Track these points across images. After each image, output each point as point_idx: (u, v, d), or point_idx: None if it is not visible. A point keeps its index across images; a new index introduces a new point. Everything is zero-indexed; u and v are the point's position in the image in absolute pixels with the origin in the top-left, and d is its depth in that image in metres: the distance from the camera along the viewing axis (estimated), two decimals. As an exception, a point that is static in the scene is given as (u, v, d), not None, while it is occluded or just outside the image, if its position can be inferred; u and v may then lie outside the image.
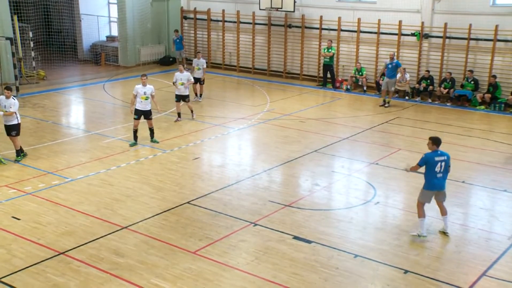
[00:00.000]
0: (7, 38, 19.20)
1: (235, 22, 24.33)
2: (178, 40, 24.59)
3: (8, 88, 12.68)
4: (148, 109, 14.20)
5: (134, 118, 14.19)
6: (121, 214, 10.28)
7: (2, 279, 8.07)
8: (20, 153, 12.94)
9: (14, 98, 12.72)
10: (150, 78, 22.29)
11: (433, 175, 9.26)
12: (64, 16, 26.10)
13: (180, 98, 16.50)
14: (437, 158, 9.22)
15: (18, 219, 9.96)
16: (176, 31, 24.75)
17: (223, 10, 24.45)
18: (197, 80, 19.00)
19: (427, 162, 9.24)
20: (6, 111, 12.49)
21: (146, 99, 14.06)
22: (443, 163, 9.23)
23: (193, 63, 19.52)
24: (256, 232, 9.70)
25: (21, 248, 8.95)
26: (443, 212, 9.59)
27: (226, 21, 24.66)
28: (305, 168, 13.07)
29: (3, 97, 12.63)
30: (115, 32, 26.62)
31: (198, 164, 13.32)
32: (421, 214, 9.47)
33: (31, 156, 13.27)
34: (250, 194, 11.37)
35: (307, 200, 11.12)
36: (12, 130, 12.74)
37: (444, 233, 9.62)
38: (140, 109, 14.13)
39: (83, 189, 11.41)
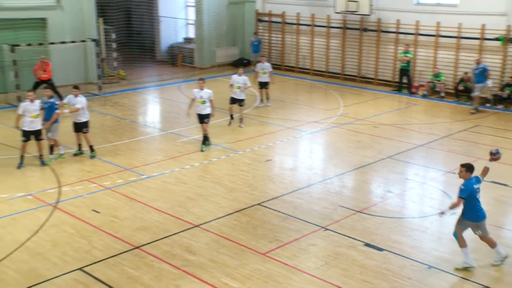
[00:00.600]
0: (92, 40, 20.15)
1: (309, 25, 24.27)
2: (256, 43, 24.80)
3: (76, 87, 13.29)
4: (205, 113, 14.06)
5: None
6: (193, 213, 10.50)
7: (84, 268, 8.47)
8: (93, 148, 13.48)
9: (81, 96, 13.32)
10: (224, 79, 22.68)
11: (477, 205, 8.36)
12: (144, 18, 27.02)
13: (235, 101, 16.29)
14: (476, 186, 8.32)
15: (98, 212, 10.41)
16: (255, 33, 24.98)
17: (298, 13, 24.45)
18: (264, 85, 18.89)
19: (470, 192, 8.25)
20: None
21: (203, 103, 13.98)
22: (479, 190, 8.38)
23: (257, 67, 19.38)
24: (326, 236, 9.63)
25: (100, 240, 9.35)
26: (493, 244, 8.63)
27: (300, 24, 24.64)
28: (378, 174, 12.83)
29: (72, 95, 13.23)
30: (191, 34, 27.26)
31: (269, 166, 13.38)
32: (462, 243, 8.54)
33: (111, 152, 13.82)
34: (321, 198, 11.30)
35: (379, 207, 10.91)
36: (83, 127, 13.32)
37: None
38: (197, 113, 14.18)
39: (158, 186, 11.76)
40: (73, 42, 19.82)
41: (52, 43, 19.53)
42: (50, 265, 8.53)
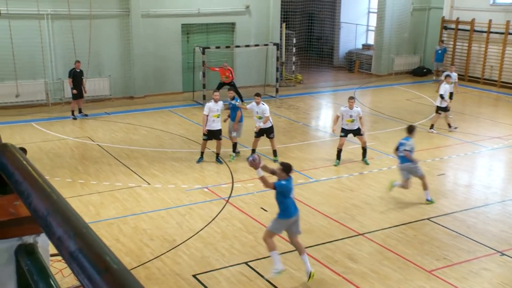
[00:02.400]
0: (274, 44, 20.99)
1: (502, 33, 22.39)
2: (440, 52, 23.61)
3: (258, 95, 13.28)
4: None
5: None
6: (358, 221, 10.36)
7: (249, 263, 8.85)
8: (276, 153, 13.47)
9: (263, 103, 13.25)
10: (401, 87, 21.98)
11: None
12: (326, 24, 27.35)
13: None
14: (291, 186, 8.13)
15: (266, 210, 10.79)
16: (441, 41, 23.83)
17: (490, 20, 22.71)
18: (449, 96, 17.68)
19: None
20: (260, 117, 13.12)
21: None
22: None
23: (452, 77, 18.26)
24: (502, 262, 8.81)
25: (265, 237, 9.69)
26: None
27: (491, 32, 22.86)
28: None
29: (254, 103, 13.25)
30: (371, 41, 26.92)
31: (442, 180, 12.70)
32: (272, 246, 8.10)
33: (282, 154, 14.15)
34: (499, 220, 10.41)
35: None
36: (269, 133, 13.33)
37: None
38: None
39: (325, 191, 11.82)
40: (256, 45, 20.84)
41: (237, 46, 20.76)
42: (219, 255, 9.06)
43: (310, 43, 27.00)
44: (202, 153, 13.55)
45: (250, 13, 21.72)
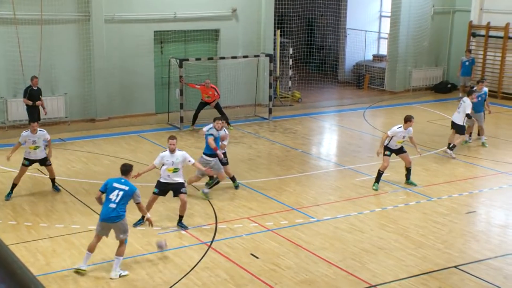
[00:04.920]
0: (266, 55, 21.15)
1: (542, 40, 22.77)
2: (467, 64, 23.84)
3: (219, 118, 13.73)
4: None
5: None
6: (370, 269, 10.35)
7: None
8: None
9: (225, 130, 13.78)
10: (421, 106, 22.20)
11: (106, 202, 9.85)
12: (328, 30, 27.70)
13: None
14: (115, 185, 9.89)
15: (257, 257, 10.76)
16: (469, 51, 24.12)
17: (527, 25, 23.12)
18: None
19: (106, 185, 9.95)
20: None
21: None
22: (120, 192, 9.75)
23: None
24: (545, 321, 8.81)
25: (256, 290, 9.66)
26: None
27: (528, 40, 23.25)
28: None
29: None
30: (383, 51, 27.28)
31: (472, 219, 12.75)
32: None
33: (277, 187, 14.27)
34: (542, 268, 10.42)
35: None
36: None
37: None
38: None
39: (329, 233, 11.83)
40: (245, 57, 21.03)
41: (222, 58, 20.95)
42: (199, 312, 8.99)
43: (310, 54, 27.31)
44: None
45: (238, 18, 21.99)
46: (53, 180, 13.97)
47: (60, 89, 19.55)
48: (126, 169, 10.25)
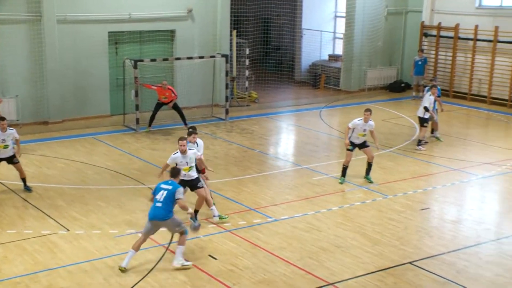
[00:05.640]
0: (223, 55, 21.15)
1: (491, 41, 23.33)
2: (420, 63, 24.30)
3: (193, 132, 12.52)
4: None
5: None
6: (327, 267, 10.44)
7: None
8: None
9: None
10: (375, 105, 22.52)
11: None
12: (285, 31, 27.85)
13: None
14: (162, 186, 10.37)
15: (215, 258, 10.74)
16: (421, 51, 24.57)
17: (476, 26, 23.64)
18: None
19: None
20: None
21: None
22: (165, 192, 10.22)
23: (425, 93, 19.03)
24: (497, 314, 9.04)
25: (214, 291, 9.65)
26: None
27: (478, 40, 23.79)
28: None
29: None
30: (339, 51, 27.56)
31: (426, 216, 12.96)
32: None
33: (234, 188, 14.28)
34: (494, 262, 10.69)
35: None
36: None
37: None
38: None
39: (287, 232, 11.88)
40: (201, 57, 20.97)
41: (178, 59, 20.85)
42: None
43: (266, 54, 27.38)
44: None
45: (193, 19, 21.92)
46: (24, 179, 13.87)
47: (11, 91, 19.15)
48: (174, 172, 10.64)
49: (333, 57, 27.77)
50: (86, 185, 14.40)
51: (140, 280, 9.92)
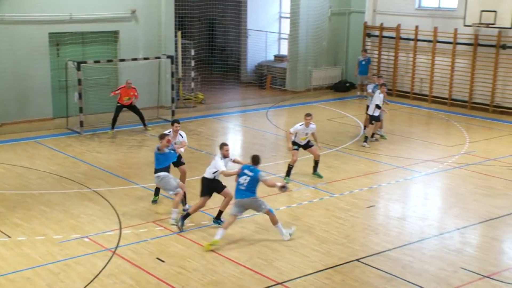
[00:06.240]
0: (168, 56, 21.01)
1: (430, 41, 23.91)
2: (364, 63, 24.70)
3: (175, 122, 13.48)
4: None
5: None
6: (276, 267, 10.48)
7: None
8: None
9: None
10: (321, 105, 22.75)
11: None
12: (230, 32, 27.86)
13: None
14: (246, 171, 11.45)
15: (163, 261, 10.65)
16: (365, 51, 24.96)
17: (417, 26, 24.19)
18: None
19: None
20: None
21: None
22: (247, 178, 11.33)
23: (368, 89, 19.44)
24: (442, 307, 9.25)
25: (162, 295, 9.57)
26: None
27: (419, 40, 24.35)
28: (513, 231, 12.31)
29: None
30: (284, 51, 27.73)
31: (372, 213, 13.17)
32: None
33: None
34: (437, 256, 10.93)
35: (514, 273, 10.40)
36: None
37: None
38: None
39: (235, 233, 11.87)
40: (146, 59, 20.80)
41: (122, 60, 20.59)
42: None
43: (212, 55, 27.36)
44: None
45: (137, 20, 21.71)
46: None
47: None
48: (256, 160, 11.56)
49: (279, 58, 27.93)
50: (28, 190, 14.08)
51: (86, 286, 9.76)
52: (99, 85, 20.74)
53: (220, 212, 12.21)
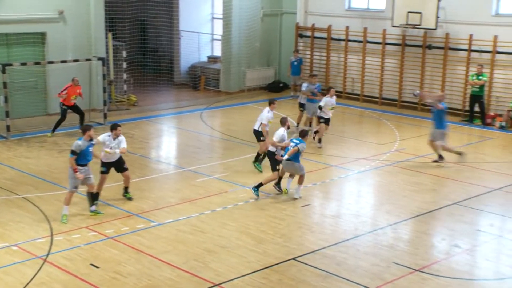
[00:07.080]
0: (99, 59, 20.65)
1: (361, 41, 24.40)
2: (296, 63, 24.95)
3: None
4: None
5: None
6: (213, 268, 10.47)
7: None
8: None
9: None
10: (255, 106, 22.86)
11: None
12: (162, 33, 27.64)
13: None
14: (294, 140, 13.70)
15: (97, 267, 10.46)
16: (297, 51, 25.22)
17: (347, 27, 24.63)
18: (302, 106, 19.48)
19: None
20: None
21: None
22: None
23: (303, 87, 19.61)
24: (376, 302, 9.46)
25: (97, 301, 9.41)
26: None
27: (349, 40, 24.80)
28: (442, 224, 12.69)
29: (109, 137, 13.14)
30: (217, 52, 27.73)
31: (307, 212, 13.32)
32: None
33: (116, 193, 13.97)
34: (370, 253, 11.16)
35: (443, 265, 10.71)
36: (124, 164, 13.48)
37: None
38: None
39: (171, 236, 11.80)
40: (76, 61, 20.38)
41: (51, 62, 20.09)
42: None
43: (144, 56, 27.09)
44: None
45: (65, 21, 21.25)
46: None
47: None
48: (303, 133, 13.80)
49: (212, 59, 27.91)
50: (-46, 198, 13.58)
51: (17, 295, 9.49)
52: (26, 88, 20.18)
53: (280, 179, 14.11)
